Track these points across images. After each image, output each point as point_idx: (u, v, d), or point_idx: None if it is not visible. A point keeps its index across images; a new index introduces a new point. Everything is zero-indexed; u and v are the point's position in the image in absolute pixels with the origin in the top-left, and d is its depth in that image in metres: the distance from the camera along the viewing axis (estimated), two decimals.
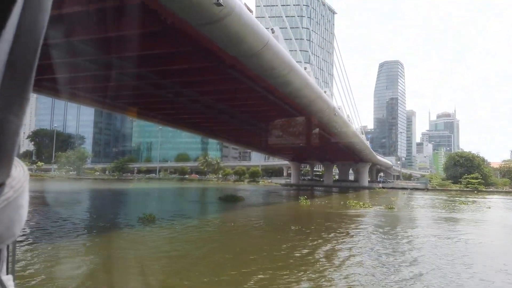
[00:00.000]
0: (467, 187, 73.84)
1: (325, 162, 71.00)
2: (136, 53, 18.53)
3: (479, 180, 75.35)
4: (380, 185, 71.20)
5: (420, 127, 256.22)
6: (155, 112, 32.52)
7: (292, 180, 75.26)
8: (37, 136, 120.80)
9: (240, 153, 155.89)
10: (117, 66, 19.83)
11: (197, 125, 38.89)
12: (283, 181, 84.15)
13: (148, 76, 21.38)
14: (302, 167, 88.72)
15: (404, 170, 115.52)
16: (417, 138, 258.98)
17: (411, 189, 70.54)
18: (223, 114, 31.43)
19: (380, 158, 73.91)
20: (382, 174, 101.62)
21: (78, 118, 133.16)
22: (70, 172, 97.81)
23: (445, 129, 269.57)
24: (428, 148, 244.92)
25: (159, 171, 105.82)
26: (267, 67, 17.84)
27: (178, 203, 30.51)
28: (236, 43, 14.65)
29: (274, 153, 64.48)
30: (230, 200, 27.07)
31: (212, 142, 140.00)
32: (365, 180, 68.76)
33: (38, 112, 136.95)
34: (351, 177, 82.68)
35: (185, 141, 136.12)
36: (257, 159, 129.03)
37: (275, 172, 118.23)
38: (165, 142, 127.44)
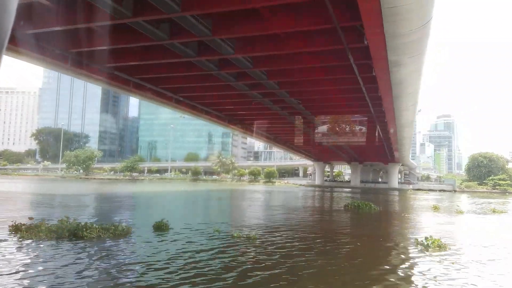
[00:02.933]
0: (495, 189, 72.11)
1: (352, 162, 68.49)
2: (238, 35, 15.64)
3: (507, 181, 73.66)
4: (410, 186, 68.85)
5: (420, 128, 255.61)
6: (211, 108, 29.61)
7: (317, 181, 72.62)
8: (41, 134, 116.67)
9: (247, 153, 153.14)
10: (210, 49, 16.90)
11: (243, 121, 36.12)
12: (303, 181, 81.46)
13: (234, 63, 18.34)
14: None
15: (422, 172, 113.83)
16: (418, 139, 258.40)
17: (439, 190, 68.43)
18: (286, 109, 28.66)
19: (409, 159, 71.70)
20: (399, 175, 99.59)
21: (84, 116, 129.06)
22: (78, 172, 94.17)
23: (445, 129, 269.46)
24: (430, 148, 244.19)
25: (170, 170, 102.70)
26: (402, 51, 15.00)
27: (309, 214, 23.92)
28: (404, 16, 11.76)
29: (304, 151, 61.60)
30: (363, 208, 22.64)
31: (219, 142, 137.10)
32: (395, 181, 66.41)
33: (41, 109, 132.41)
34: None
35: (193, 140, 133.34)
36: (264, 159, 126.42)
37: (287, 172, 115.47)
38: (173, 141, 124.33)
